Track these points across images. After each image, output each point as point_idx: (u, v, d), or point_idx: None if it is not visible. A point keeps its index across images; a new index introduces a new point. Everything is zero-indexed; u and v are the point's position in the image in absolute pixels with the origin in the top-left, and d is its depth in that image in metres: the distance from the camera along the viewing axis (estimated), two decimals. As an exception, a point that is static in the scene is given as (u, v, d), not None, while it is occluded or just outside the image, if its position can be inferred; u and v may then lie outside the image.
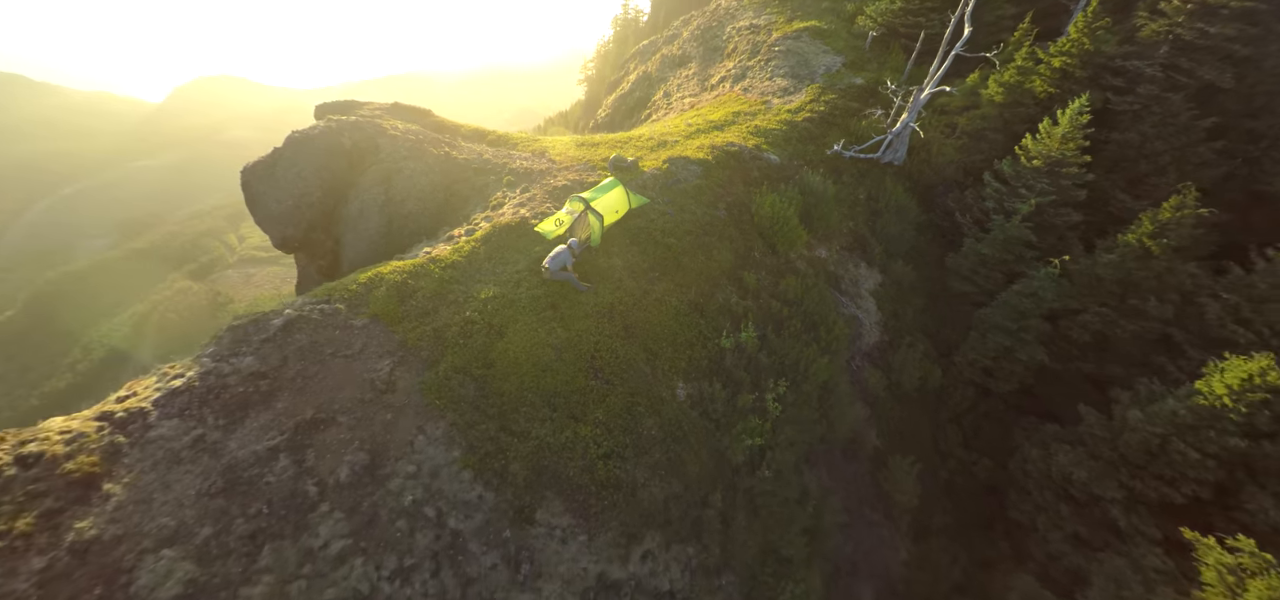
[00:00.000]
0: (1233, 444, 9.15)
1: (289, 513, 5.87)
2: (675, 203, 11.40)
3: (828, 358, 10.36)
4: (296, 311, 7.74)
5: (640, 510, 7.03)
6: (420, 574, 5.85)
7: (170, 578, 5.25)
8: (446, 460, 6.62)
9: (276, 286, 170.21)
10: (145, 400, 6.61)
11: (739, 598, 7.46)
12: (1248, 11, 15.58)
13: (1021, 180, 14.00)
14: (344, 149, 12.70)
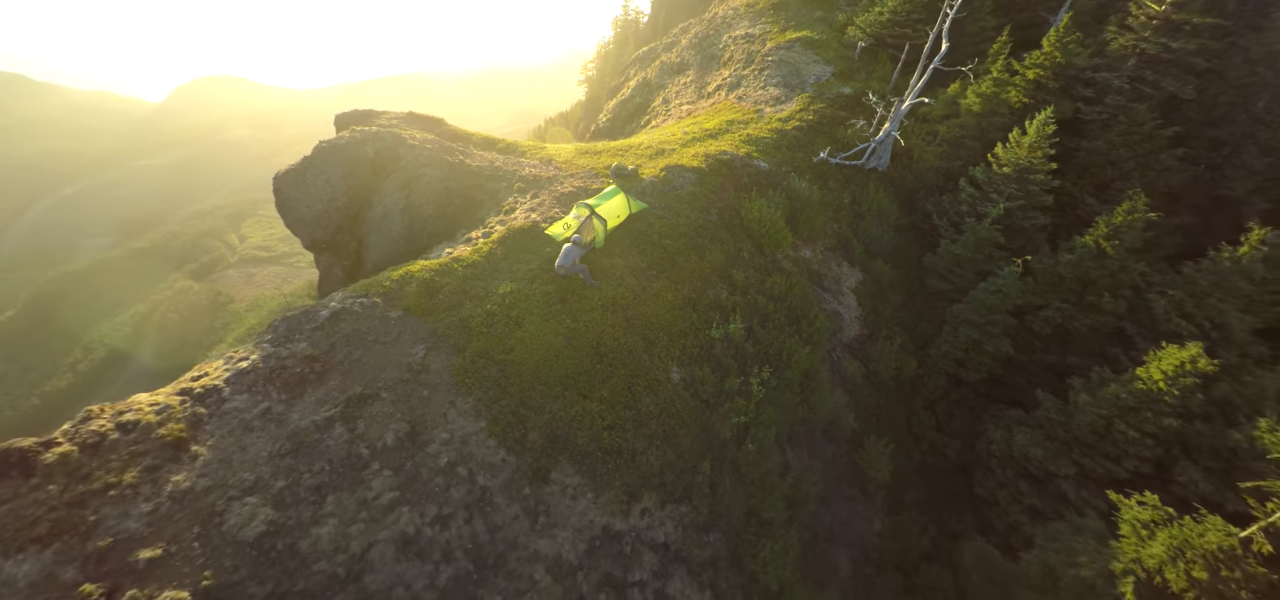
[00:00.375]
0: (1167, 424, 10.33)
1: (346, 470, 7.07)
2: (672, 208, 12.59)
3: (809, 348, 11.55)
4: (340, 304, 8.94)
5: (639, 474, 8.24)
6: (455, 521, 7.05)
7: (254, 519, 6.45)
8: (474, 429, 7.82)
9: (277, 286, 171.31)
10: (218, 379, 7.82)
11: (725, 551, 8.67)
12: (1209, 27, 16.76)
13: (993, 186, 15.21)
14: (368, 158, 13.89)
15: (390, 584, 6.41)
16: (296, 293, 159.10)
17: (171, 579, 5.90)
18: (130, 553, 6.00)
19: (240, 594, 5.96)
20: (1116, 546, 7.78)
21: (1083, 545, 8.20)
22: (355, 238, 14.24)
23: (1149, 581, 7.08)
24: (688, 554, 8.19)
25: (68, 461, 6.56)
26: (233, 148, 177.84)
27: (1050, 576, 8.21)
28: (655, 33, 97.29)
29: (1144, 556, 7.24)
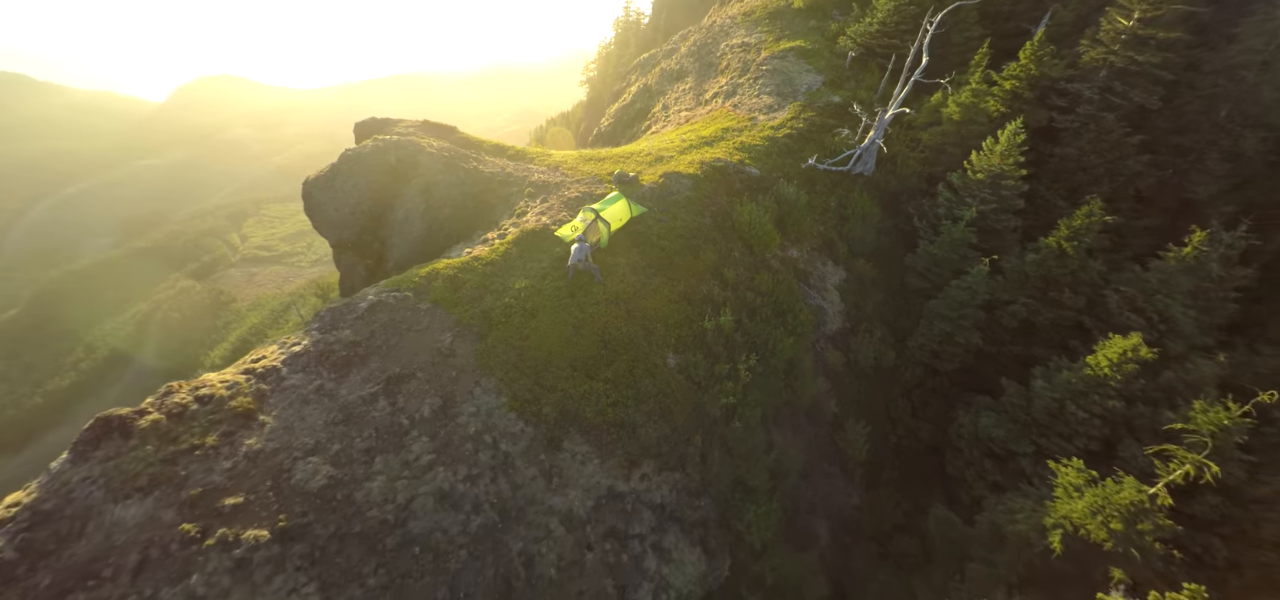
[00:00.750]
0: (1112, 405, 11.59)
1: (390, 436, 8.38)
2: (669, 212, 13.89)
3: (793, 339, 12.85)
4: (377, 297, 10.25)
5: (639, 444, 9.54)
6: (483, 480, 8.35)
7: (317, 474, 7.76)
8: (497, 404, 9.13)
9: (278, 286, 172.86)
10: (275, 361, 9.13)
11: (714, 513, 9.96)
12: (1173, 42, 18.03)
13: (968, 190, 16.48)
14: (390, 165, 15.20)
15: (430, 529, 7.72)
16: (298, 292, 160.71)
17: (252, 521, 7.21)
18: (217, 500, 7.32)
19: (309, 533, 7.27)
20: (1050, 505, 9.06)
21: (1021, 506, 9.47)
22: (378, 238, 15.55)
23: (1074, 533, 8.34)
24: (681, 514, 9.49)
25: (159, 427, 7.88)
26: (234, 147, 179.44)
27: (997, 534, 9.48)
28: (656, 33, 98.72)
29: (1071, 512, 8.51)
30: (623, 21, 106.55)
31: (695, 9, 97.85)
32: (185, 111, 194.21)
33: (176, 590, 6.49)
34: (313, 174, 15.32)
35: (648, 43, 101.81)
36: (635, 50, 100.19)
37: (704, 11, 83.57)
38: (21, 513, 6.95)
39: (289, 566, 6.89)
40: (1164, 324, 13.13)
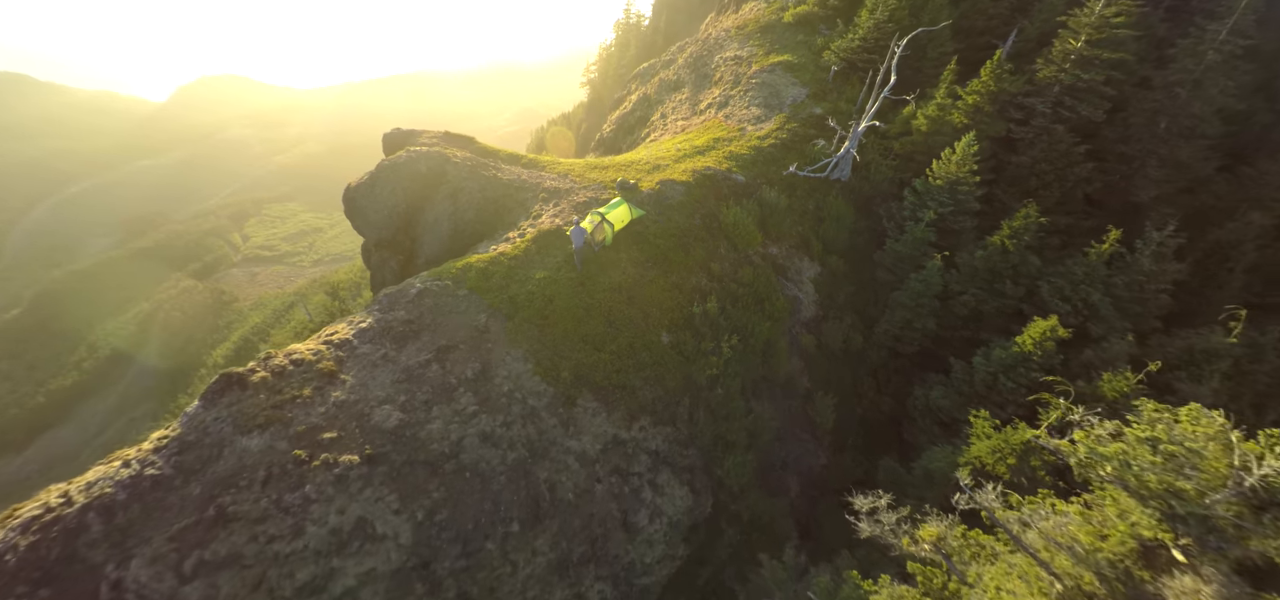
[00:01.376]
0: (1035, 377, 13.96)
1: (443, 391, 10.82)
2: (664, 215, 16.33)
3: (770, 323, 15.28)
4: (423, 285, 12.69)
5: (638, 403, 11.97)
6: (515, 425, 10.78)
7: (390, 417, 10.20)
8: (524, 369, 11.57)
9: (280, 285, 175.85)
10: (348, 334, 11.58)
11: (699, 461, 12.40)
12: (1117, 62, 20.44)
13: (929, 195, 18.87)
14: (422, 173, 17.65)
15: (477, 460, 10.16)
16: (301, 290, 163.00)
17: (345, 449, 9.66)
18: (317, 434, 9.77)
19: (387, 459, 9.72)
20: (965, 449, 11.47)
21: (944, 452, 11.88)
22: (410, 237, 18.01)
23: (981, 469, 10.74)
24: (672, 459, 11.93)
25: (267, 382, 10.33)
26: (235, 147, 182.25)
27: (927, 476, 11.88)
28: (656, 35, 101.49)
29: (979, 453, 10.92)
30: (623, 23, 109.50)
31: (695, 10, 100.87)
32: (186, 111, 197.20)
33: (295, 496, 8.94)
34: (354, 181, 17.76)
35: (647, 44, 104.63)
36: (635, 52, 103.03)
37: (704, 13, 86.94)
38: (171, 442, 9.41)
39: (375, 482, 9.34)
40: (1087, 310, 15.56)
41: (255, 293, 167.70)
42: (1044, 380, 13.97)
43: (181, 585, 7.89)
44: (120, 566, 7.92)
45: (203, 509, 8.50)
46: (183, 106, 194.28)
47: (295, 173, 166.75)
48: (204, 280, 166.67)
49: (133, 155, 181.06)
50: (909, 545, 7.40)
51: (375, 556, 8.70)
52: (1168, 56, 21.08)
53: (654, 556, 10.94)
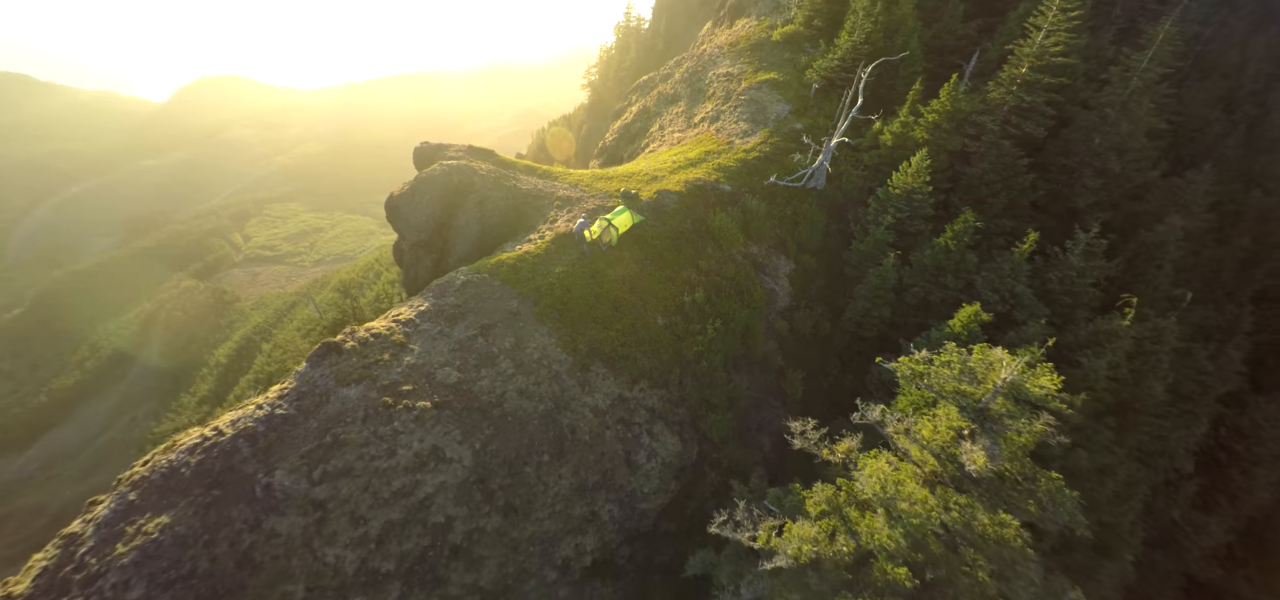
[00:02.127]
0: (963, 354, 17.34)
1: (488, 359, 14.25)
2: (661, 220, 19.77)
3: (748, 311, 18.72)
4: (466, 277, 16.14)
5: (638, 370, 15.41)
6: (544, 384, 14.21)
7: (450, 376, 13.64)
8: (549, 343, 15.00)
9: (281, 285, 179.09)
10: (411, 315, 15.02)
11: (687, 418, 15.83)
12: (1057, 86, 23.86)
13: (889, 202, 22.27)
14: (454, 184, 21.09)
15: (516, 409, 13.60)
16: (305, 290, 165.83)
17: (419, 398, 13.10)
18: (397, 387, 13.20)
19: (450, 406, 13.15)
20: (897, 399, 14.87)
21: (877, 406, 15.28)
22: (443, 239, 21.44)
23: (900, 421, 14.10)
24: (665, 414, 15.37)
25: (355, 349, 13.78)
26: (236, 147, 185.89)
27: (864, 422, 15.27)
28: (656, 39, 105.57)
29: (903, 405, 14.32)
30: (623, 27, 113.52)
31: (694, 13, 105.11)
32: (187, 112, 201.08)
33: (386, 428, 12.37)
34: (396, 191, 21.20)
35: (647, 47, 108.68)
36: (635, 55, 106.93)
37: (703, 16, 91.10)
38: (290, 392, 12.84)
39: (443, 421, 12.77)
40: (1012, 299, 18.98)
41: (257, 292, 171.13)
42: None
43: (312, 488, 11.32)
44: (267, 475, 11.35)
45: (321, 437, 11.94)
46: (184, 107, 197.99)
47: (296, 173, 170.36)
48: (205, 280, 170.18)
49: (134, 155, 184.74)
50: (827, 454, 10.81)
51: (446, 473, 12.13)
52: (1102, 80, 24.52)
53: (650, 488, 14.36)
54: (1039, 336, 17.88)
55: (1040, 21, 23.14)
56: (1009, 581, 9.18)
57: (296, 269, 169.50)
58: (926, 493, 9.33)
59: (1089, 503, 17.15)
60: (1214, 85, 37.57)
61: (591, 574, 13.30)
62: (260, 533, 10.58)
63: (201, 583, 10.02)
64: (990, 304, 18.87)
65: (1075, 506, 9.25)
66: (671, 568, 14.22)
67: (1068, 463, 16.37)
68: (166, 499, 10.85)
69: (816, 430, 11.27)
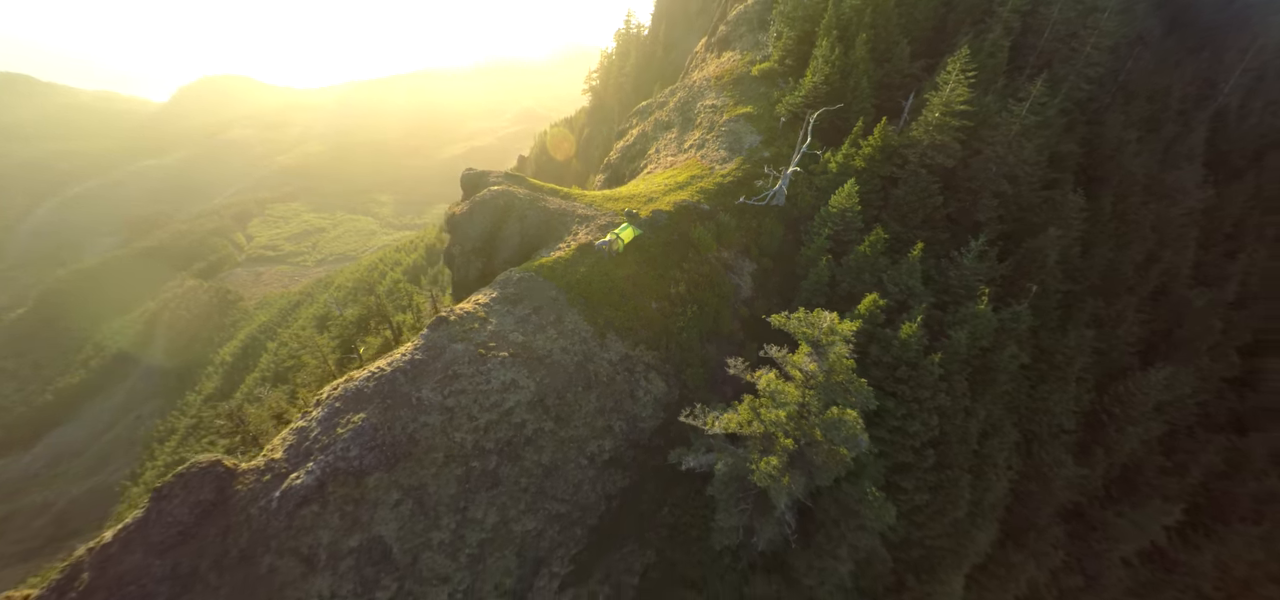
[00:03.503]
0: (863, 328, 25.63)
1: (539, 328, 22.76)
2: (654, 232, 28.24)
3: (718, 300, 27.21)
4: (520, 275, 24.67)
5: (638, 338, 23.92)
6: (574, 345, 22.70)
7: (518, 338, 22.15)
8: (579, 319, 23.53)
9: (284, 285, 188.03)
10: (485, 300, 23.57)
11: (673, 371, 24.34)
12: (961, 127, 32.23)
13: (828, 219, 30.63)
14: (499, 206, 29.58)
15: (559, 359, 22.13)
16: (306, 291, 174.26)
17: (500, 350, 21.62)
18: (485, 346, 21.72)
19: (519, 355, 21.65)
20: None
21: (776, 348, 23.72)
22: (490, 247, 29.92)
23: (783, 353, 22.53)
24: (657, 367, 23.90)
25: (457, 321, 22.31)
26: (237, 147, 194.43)
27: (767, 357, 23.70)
28: (655, 45, 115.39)
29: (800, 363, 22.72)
30: (623, 33, 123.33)
31: (692, 22, 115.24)
32: (188, 112, 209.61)
33: (483, 368, 20.87)
34: (457, 211, 29.70)
35: (647, 53, 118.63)
36: (635, 60, 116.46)
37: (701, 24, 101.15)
38: (421, 346, 21.34)
39: (516, 364, 21.29)
40: (907, 291, 27.38)
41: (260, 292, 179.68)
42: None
43: (444, 399, 19.79)
44: (417, 392, 19.82)
45: (445, 371, 20.43)
46: (185, 107, 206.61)
47: (298, 173, 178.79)
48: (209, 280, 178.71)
49: (136, 155, 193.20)
50: (750, 378, 19.26)
51: (520, 394, 20.61)
52: (995, 124, 32.95)
53: (646, 414, 22.84)
54: (920, 315, 26.32)
55: (947, 78, 31.63)
56: (848, 447, 17.64)
57: (299, 269, 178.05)
58: (794, 389, 17.75)
59: (959, 435, 25.60)
60: (1138, 108, 46.34)
61: (608, 465, 21.75)
62: (417, 423, 19.03)
63: (386, 448, 18.45)
64: (892, 294, 27.27)
65: (870, 394, 17.77)
66: (661, 465, 22.65)
67: (936, 402, 24.68)
68: (359, 405, 19.30)
69: (744, 362, 19.69)
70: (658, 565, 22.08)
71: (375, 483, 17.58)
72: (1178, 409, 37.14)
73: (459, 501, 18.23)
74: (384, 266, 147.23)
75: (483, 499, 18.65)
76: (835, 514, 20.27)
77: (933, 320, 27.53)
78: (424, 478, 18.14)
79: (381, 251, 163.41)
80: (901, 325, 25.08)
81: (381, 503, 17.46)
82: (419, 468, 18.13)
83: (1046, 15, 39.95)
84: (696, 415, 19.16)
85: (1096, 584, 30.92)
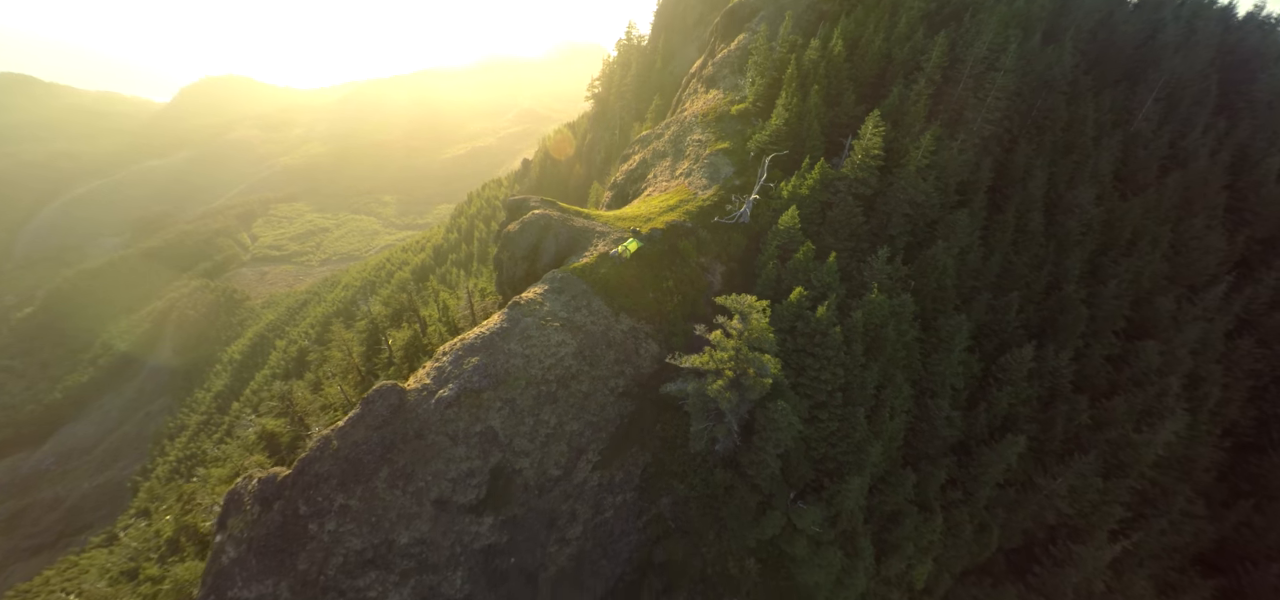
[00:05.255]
0: (795, 311, 40.36)
1: (577, 310, 37.92)
2: (652, 245, 43.35)
3: (696, 292, 42.36)
4: (561, 275, 39.87)
5: (640, 317, 39.11)
6: (600, 320, 37.85)
7: (563, 315, 37.31)
8: (601, 304, 38.70)
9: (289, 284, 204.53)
10: (541, 290, 38.75)
11: (664, 338, 39.51)
12: (879, 164, 47.20)
13: (777, 234, 45.43)
14: (540, 225, 44.72)
15: (590, 329, 37.37)
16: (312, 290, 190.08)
17: (554, 322, 36.77)
18: (544, 319, 36.88)
19: (566, 327, 36.79)
20: (753, 331, 38.17)
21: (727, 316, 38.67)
22: (534, 255, 45.04)
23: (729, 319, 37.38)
24: (654, 336, 39.16)
25: (523, 305, 37.45)
26: (240, 148, 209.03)
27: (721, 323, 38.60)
28: (654, 55, 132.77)
29: (754, 330, 37.66)
30: (624, 44, 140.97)
31: (690, 33, 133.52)
32: (191, 112, 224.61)
33: (545, 332, 36.02)
34: (512, 228, 44.78)
35: (647, 64, 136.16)
36: (636, 69, 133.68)
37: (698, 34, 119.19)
38: (504, 319, 36.52)
39: (565, 331, 36.49)
40: (826, 287, 42.27)
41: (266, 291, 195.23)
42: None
43: (524, 350, 34.87)
44: (507, 345, 34.93)
45: (522, 335, 35.58)
46: (187, 107, 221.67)
47: (300, 174, 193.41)
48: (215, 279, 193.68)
49: (139, 155, 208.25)
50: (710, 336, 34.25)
51: (567, 348, 35.73)
52: (902, 163, 47.90)
53: (646, 365, 37.94)
54: (836, 304, 41.24)
55: (865, 130, 46.65)
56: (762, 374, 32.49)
57: (304, 268, 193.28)
58: (730, 341, 32.64)
59: (857, 384, 40.45)
60: (1052, 137, 61.58)
61: (622, 396, 36.74)
62: (509, 363, 34.06)
63: (492, 377, 33.42)
64: (815, 288, 42.08)
65: (775, 343, 32.69)
66: (656, 398, 37.55)
67: (840, 360, 39.44)
68: (474, 352, 34.31)
69: (706, 328, 34.62)
70: (654, 463, 37.04)
71: (487, 396, 32.55)
72: (1055, 377, 51.99)
73: (534, 410, 33.20)
74: (391, 267, 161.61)
75: (547, 410, 33.62)
76: (763, 424, 35.16)
77: (846, 306, 42.47)
78: (514, 395, 33.11)
79: (387, 251, 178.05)
80: (818, 308, 39.98)
81: (491, 407, 32.42)
82: (511, 389, 33.09)
83: (959, 71, 55.03)
84: (676, 358, 34.08)
85: (972, 498, 45.54)
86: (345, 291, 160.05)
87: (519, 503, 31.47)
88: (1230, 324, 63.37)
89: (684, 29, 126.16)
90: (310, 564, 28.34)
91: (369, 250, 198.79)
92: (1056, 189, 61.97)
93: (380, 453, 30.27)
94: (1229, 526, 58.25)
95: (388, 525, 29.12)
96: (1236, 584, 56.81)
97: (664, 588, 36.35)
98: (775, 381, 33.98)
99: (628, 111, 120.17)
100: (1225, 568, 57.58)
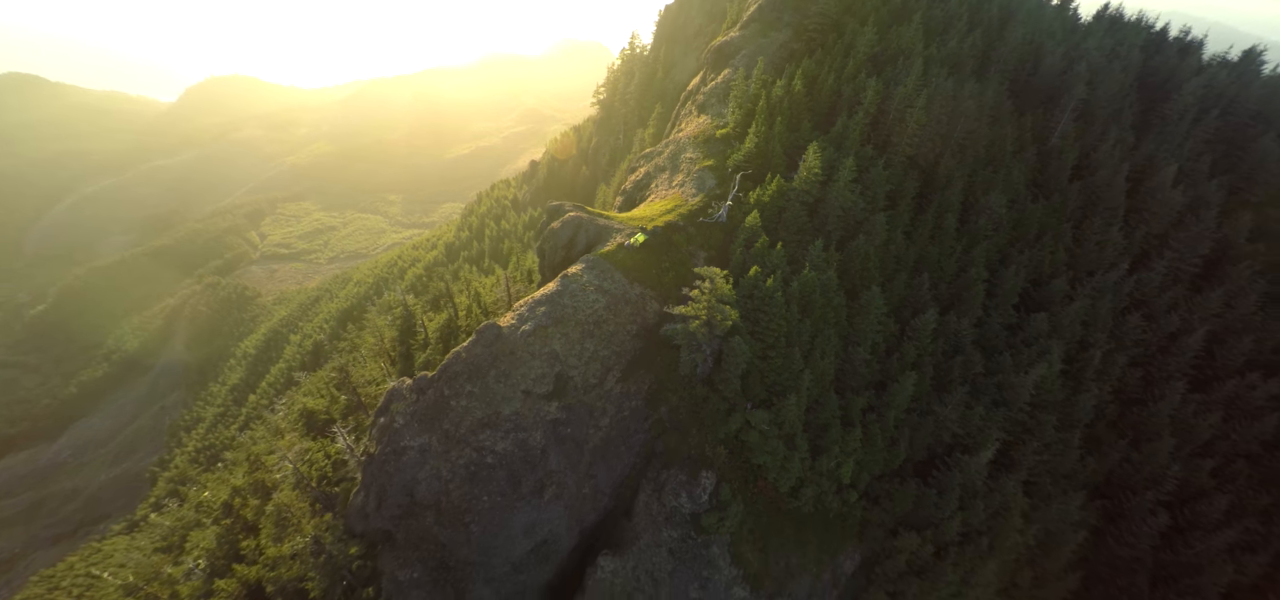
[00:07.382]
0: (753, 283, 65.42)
1: (605, 279, 63.78)
2: (653, 237, 69.13)
3: (684, 270, 68.21)
4: (593, 259, 65.75)
5: (646, 286, 65.10)
6: (620, 286, 63.78)
7: (596, 282, 63.08)
8: (621, 276, 64.69)
9: (299, 282, 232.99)
10: (580, 267, 64.61)
11: (662, 299, 65.33)
12: (819, 181, 72.83)
13: (744, 231, 70.55)
14: (574, 224, 70.66)
15: (614, 293, 63.24)
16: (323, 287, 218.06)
17: (591, 288, 62.60)
18: (586, 287, 62.70)
19: (597, 290, 62.55)
20: (722, 295, 63.64)
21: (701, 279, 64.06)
22: (569, 247, 70.89)
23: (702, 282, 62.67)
24: (655, 299, 65.15)
25: (571, 276, 63.24)
26: (246, 147, 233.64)
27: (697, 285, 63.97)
28: (656, 64, 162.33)
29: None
30: (628, 53, 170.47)
31: (690, 44, 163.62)
32: (196, 111, 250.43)
33: (586, 294, 61.84)
34: (555, 227, 70.70)
35: (649, 73, 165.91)
36: (639, 78, 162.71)
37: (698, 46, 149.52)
38: (558, 284, 62.30)
39: (597, 293, 62.41)
40: (773, 266, 67.67)
41: (276, 288, 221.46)
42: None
43: (573, 303, 60.64)
44: (562, 300, 60.75)
45: (574, 297, 61.44)
46: (192, 107, 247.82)
47: (307, 173, 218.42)
48: (225, 277, 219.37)
49: (146, 154, 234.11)
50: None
51: (600, 302, 61.49)
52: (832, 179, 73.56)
53: (652, 317, 63.82)
54: (774, 276, 66.66)
55: (808, 157, 72.36)
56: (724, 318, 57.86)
57: (313, 266, 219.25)
58: (707, 296, 58.00)
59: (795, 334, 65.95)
60: (974, 154, 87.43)
61: (635, 336, 62.38)
62: (565, 310, 59.82)
63: (556, 320, 59.04)
64: (767, 269, 67.22)
65: (733, 298, 58.03)
66: (659, 340, 63.03)
67: (782, 316, 64.72)
68: (542, 305, 60.07)
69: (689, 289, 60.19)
70: (656, 382, 62.47)
71: (551, 330, 58.13)
72: (958, 337, 77.29)
73: (580, 340, 58.80)
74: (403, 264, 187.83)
75: (588, 341, 59.22)
76: (727, 354, 60.48)
77: (788, 279, 67.81)
78: (567, 330, 58.69)
79: (398, 249, 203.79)
80: (768, 281, 65.40)
81: (553, 337, 57.98)
82: (568, 327, 58.67)
83: (888, 107, 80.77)
84: (671, 309, 59.49)
85: (883, 419, 70.65)
86: (358, 288, 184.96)
87: (572, 395, 56.89)
88: (1124, 303, 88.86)
89: (684, 40, 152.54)
90: (451, 425, 53.67)
91: (376, 248, 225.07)
92: (973, 195, 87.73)
93: (489, 361, 55.67)
94: (1113, 462, 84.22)
95: (496, 403, 54.49)
96: (1119, 506, 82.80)
97: (663, 465, 61.75)
98: (734, 324, 59.34)
99: (631, 117, 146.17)
100: (1110, 495, 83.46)
